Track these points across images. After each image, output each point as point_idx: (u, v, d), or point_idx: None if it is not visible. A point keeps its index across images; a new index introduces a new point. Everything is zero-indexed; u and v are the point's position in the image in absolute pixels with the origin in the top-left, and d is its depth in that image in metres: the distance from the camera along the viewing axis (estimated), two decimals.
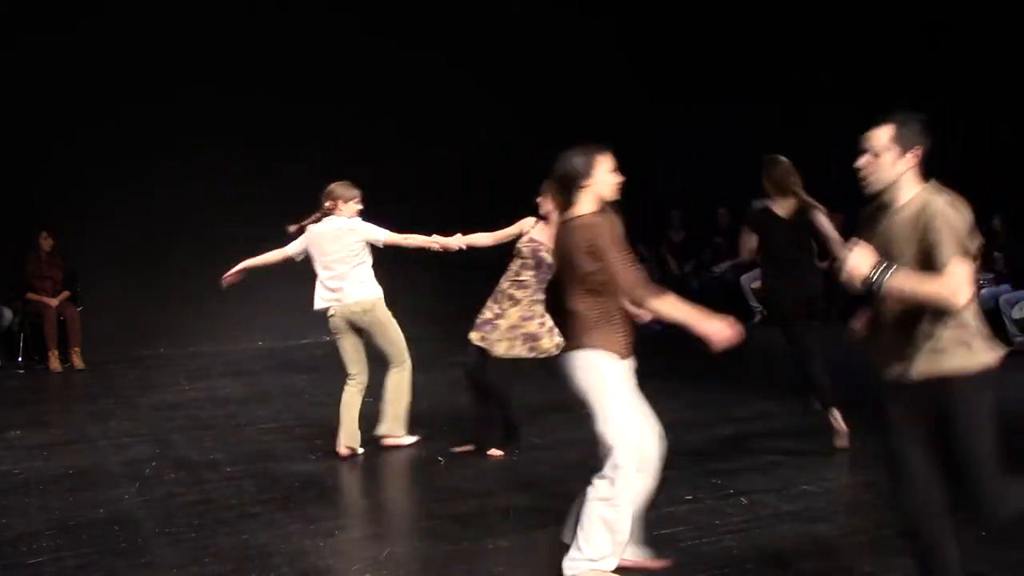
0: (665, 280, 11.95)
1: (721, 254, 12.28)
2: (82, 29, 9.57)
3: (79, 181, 9.55)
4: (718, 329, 3.73)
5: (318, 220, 6.10)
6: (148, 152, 9.76)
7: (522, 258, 5.88)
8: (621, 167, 3.99)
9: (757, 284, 12.16)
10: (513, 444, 6.09)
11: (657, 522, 4.75)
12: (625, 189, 4.02)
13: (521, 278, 5.87)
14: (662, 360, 10.24)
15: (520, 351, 5.84)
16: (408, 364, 6.22)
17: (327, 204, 6.08)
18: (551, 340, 5.73)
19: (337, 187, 6.09)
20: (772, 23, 11.77)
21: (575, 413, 7.03)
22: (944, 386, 3.28)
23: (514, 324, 5.84)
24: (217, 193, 9.66)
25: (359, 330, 6.06)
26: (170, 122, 9.77)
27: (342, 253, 6.00)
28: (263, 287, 8.85)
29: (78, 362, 9.20)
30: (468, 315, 6.19)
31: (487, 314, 5.94)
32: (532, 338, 5.81)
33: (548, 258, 5.59)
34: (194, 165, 9.85)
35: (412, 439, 6.24)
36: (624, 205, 11.00)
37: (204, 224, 9.64)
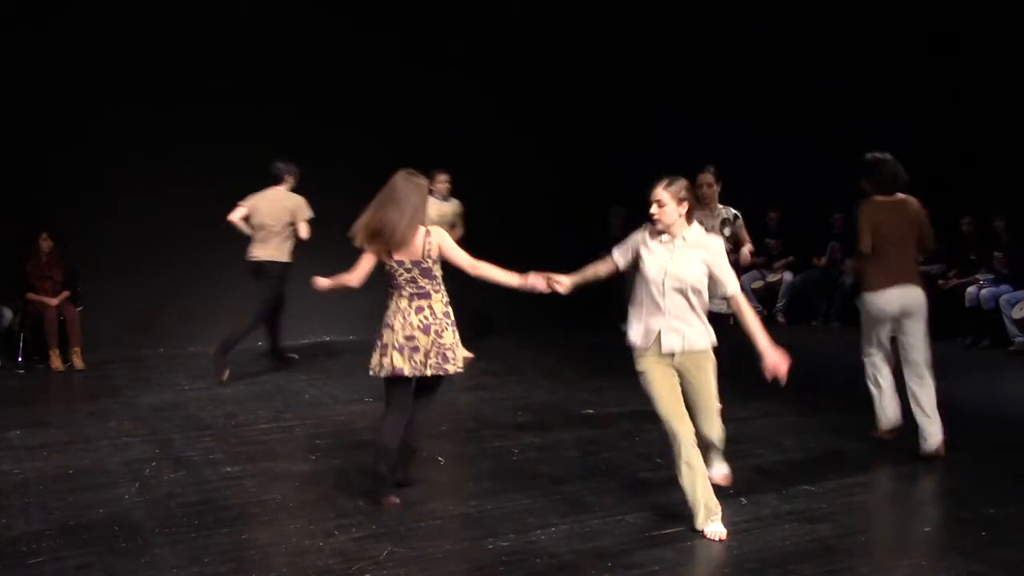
0: None
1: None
2: (83, 29, 9.55)
3: (79, 182, 9.53)
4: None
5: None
6: (148, 153, 9.75)
7: None
8: (623, 168, 4.00)
9: (757, 284, 12.20)
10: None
11: (657, 522, 4.75)
12: (627, 189, 4.04)
13: None
14: None
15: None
16: None
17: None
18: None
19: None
20: (773, 25, 11.79)
21: (575, 413, 7.08)
22: None
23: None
24: (217, 194, 9.64)
25: None
26: (170, 123, 9.77)
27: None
28: None
29: (78, 362, 9.19)
30: (469, 317, 6.17)
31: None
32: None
33: None
34: (195, 166, 9.85)
35: None
36: (627, 205, 10.98)
37: (204, 224, 9.63)
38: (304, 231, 8.42)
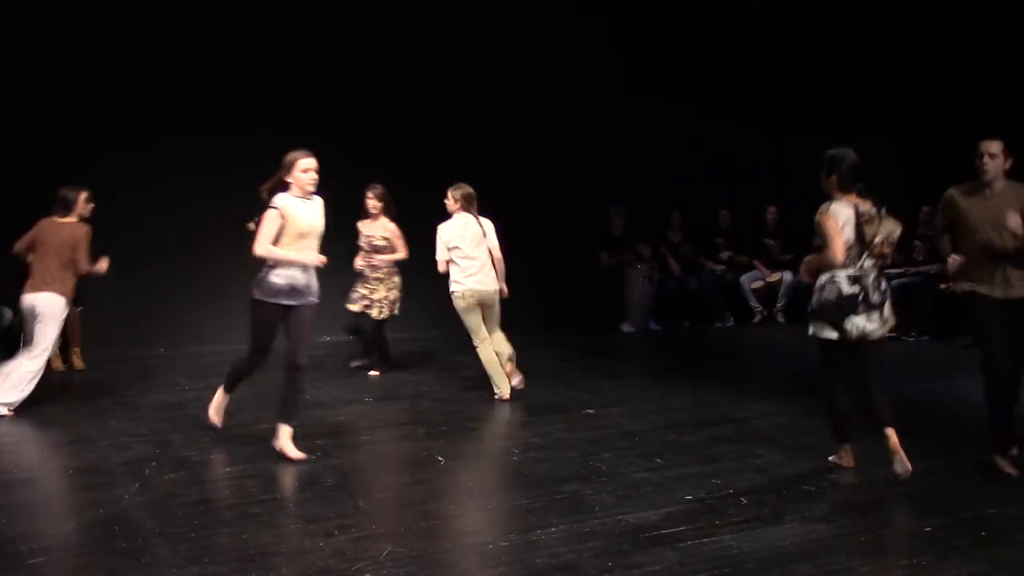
0: (665, 280, 11.96)
1: (720, 255, 12.29)
2: (81, 29, 9.54)
3: (79, 181, 9.51)
4: None
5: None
6: (148, 152, 9.74)
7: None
8: (622, 170, 3.98)
9: (757, 284, 12.19)
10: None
11: (657, 522, 4.75)
12: (627, 190, 4.02)
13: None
14: (662, 360, 10.26)
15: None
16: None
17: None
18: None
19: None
20: (771, 27, 11.78)
21: (575, 413, 7.08)
22: None
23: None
24: (218, 193, 9.64)
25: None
26: (170, 122, 9.76)
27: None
28: None
29: (78, 362, 9.18)
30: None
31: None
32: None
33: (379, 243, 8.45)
34: (195, 165, 9.83)
35: None
36: (626, 206, 10.93)
37: (204, 224, 9.63)
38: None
